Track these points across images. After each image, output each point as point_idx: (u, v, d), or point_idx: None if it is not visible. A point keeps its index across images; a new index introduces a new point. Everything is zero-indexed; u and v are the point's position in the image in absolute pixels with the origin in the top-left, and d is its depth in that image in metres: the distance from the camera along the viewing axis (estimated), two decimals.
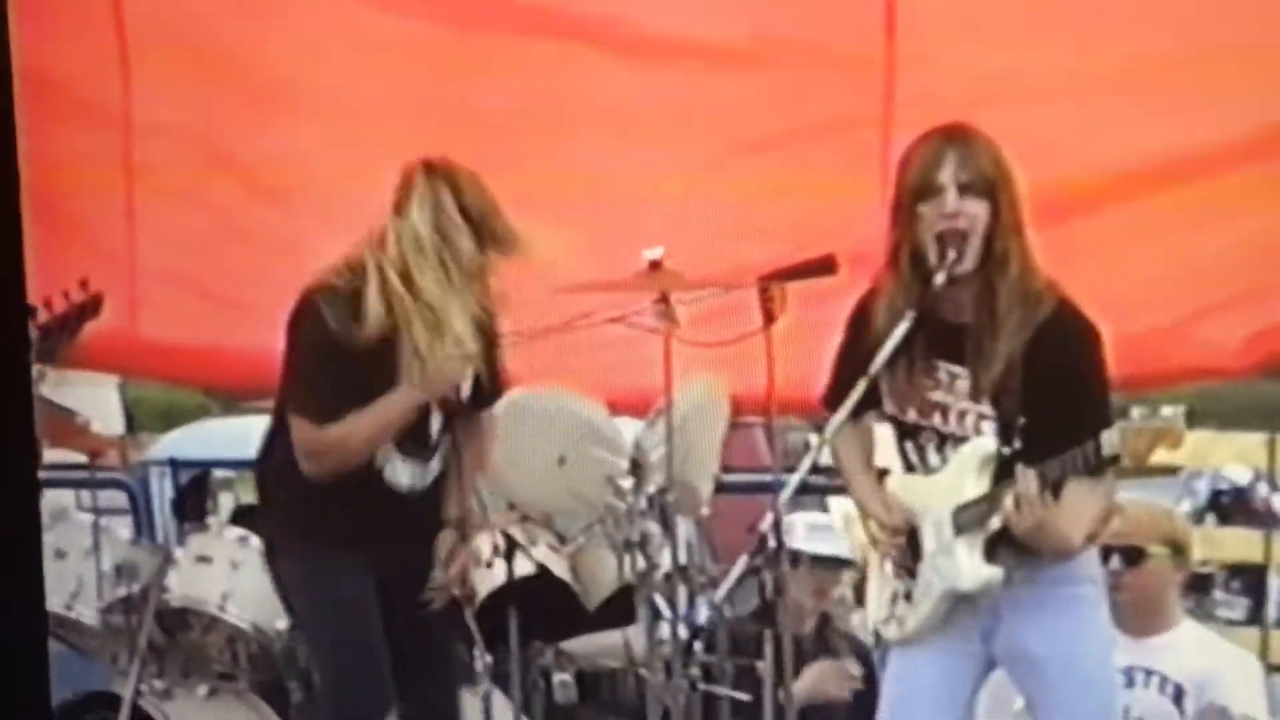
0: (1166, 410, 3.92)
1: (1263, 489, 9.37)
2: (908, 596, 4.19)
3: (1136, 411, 3.91)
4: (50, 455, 8.11)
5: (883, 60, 5.34)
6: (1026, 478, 3.98)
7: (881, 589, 4.27)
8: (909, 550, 4.19)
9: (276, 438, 4.80)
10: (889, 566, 4.24)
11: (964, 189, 4.07)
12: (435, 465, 4.80)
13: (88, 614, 5.61)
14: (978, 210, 4.07)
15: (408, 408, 4.67)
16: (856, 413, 4.18)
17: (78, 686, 5.67)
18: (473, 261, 4.60)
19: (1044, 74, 5.21)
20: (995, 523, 4.07)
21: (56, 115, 5.84)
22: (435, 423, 4.78)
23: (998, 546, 4.10)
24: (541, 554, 5.50)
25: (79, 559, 5.64)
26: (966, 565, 4.10)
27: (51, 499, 6.78)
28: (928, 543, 4.16)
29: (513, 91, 5.62)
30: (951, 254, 4.06)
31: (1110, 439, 3.92)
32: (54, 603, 5.59)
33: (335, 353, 4.59)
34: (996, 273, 4.09)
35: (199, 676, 5.65)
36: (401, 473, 4.75)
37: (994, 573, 4.09)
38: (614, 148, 5.59)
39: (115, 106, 5.85)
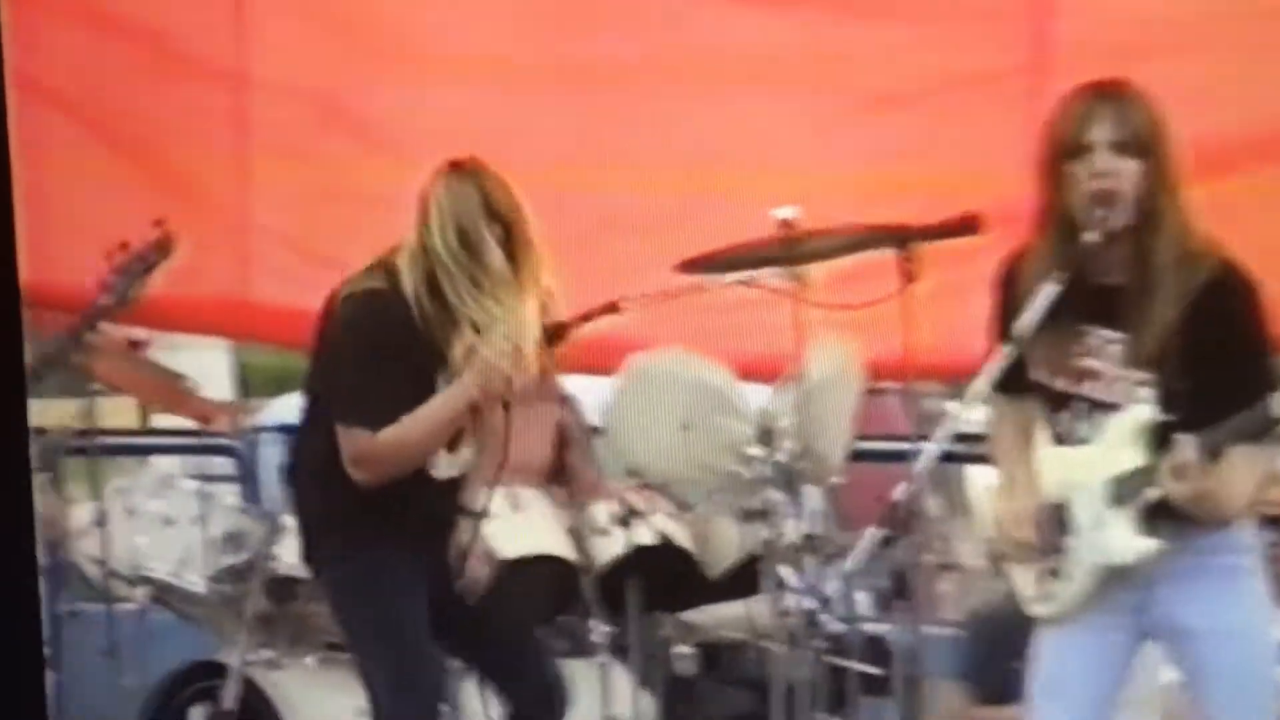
0: None
1: None
2: (1056, 573, 4.02)
3: None
4: (157, 421, 8.09)
5: (1027, 9, 5.18)
6: (1187, 445, 3.80)
7: (1028, 566, 4.09)
8: (1055, 526, 3.99)
9: (307, 444, 4.62)
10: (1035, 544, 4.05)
11: (1116, 147, 3.88)
12: (468, 453, 4.61)
13: (196, 582, 5.55)
14: (1130, 169, 3.88)
15: (461, 406, 4.47)
16: (1014, 386, 3.99)
17: (185, 655, 5.62)
18: (504, 265, 4.41)
19: (1201, 21, 5.04)
20: (1152, 493, 3.89)
21: (171, 74, 5.80)
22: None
23: (1153, 517, 3.92)
24: (663, 522, 5.39)
25: (186, 526, 5.58)
26: (1121, 538, 3.92)
27: (158, 466, 6.73)
28: (1079, 516, 3.97)
29: (636, 43, 5.49)
30: (1102, 213, 3.88)
31: None
32: (162, 570, 5.56)
33: (390, 359, 4.42)
34: (1150, 233, 3.90)
35: (307, 646, 5.57)
36: (444, 465, 4.57)
37: (1149, 544, 3.91)
38: (744, 101, 5.45)
39: (231, 64, 5.80)
